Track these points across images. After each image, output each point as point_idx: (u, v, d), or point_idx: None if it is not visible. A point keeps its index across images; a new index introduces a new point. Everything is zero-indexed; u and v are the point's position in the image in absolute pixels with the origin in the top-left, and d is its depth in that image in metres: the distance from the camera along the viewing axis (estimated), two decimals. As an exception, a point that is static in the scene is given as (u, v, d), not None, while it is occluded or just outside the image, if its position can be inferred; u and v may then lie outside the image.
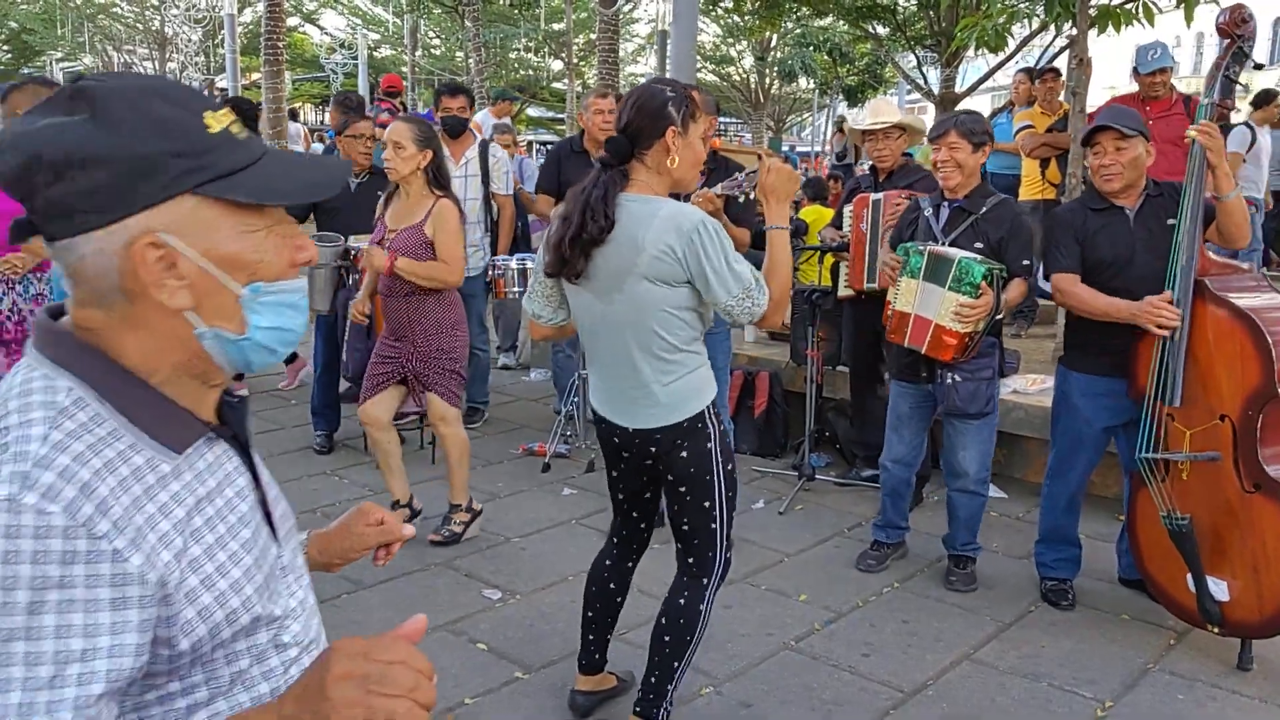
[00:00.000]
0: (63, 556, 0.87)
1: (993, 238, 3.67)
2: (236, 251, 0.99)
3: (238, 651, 1.04)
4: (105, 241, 0.95)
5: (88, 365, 0.97)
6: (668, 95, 2.47)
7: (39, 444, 0.91)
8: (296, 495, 4.74)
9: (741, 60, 28.46)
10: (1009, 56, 11.62)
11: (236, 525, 1.05)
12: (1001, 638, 3.51)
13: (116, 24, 31.35)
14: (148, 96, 0.95)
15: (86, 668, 0.88)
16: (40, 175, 0.93)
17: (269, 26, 13.83)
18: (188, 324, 0.99)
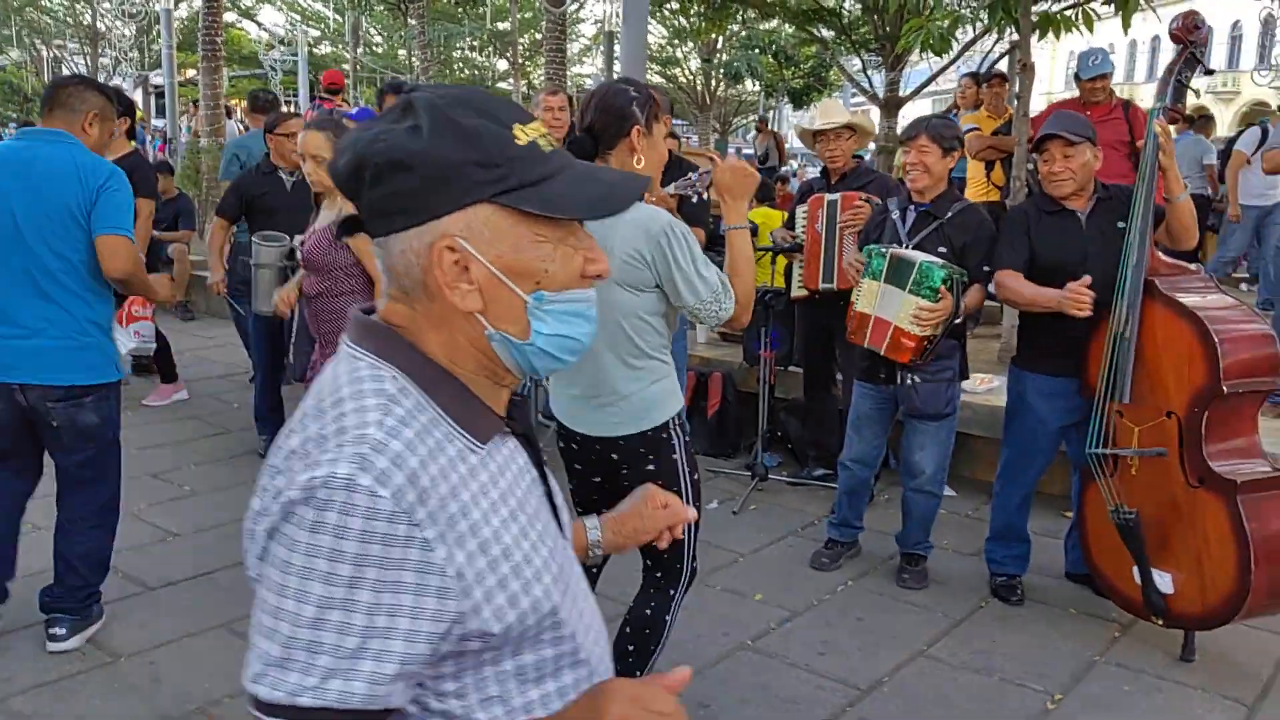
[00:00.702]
0: (384, 539, 0.93)
1: (956, 243, 3.71)
2: (525, 260, 1.03)
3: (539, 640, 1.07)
4: (412, 241, 1.01)
5: (406, 357, 1.03)
6: (632, 95, 2.45)
7: (375, 429, 0.96)
8: (243, 500, 4.61)
9: (687, 62, 28.54)
10: (951, 61, 11.82)
11: (533, 518, 1.09)
12: (954, 634, 3.55)
13: (46, 17, 30.53)
14: (461, 107, 1.01)
15: (385, 646, 0.93)
16: (365, 177, 1.00)
17: (207, 21, 13.53)
18: (479, 325, 1.04)
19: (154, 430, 5.66)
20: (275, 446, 1.04)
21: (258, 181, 5.32)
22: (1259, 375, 3.22)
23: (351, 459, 0.94)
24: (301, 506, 0.93)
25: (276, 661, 0.93)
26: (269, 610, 0.94)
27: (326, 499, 0.92)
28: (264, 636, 0.94)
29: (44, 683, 3.07)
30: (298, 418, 1.04)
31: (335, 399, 1.00)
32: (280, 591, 0.93)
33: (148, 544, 4.13)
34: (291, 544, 0.93)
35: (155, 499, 4.61)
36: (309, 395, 1.06)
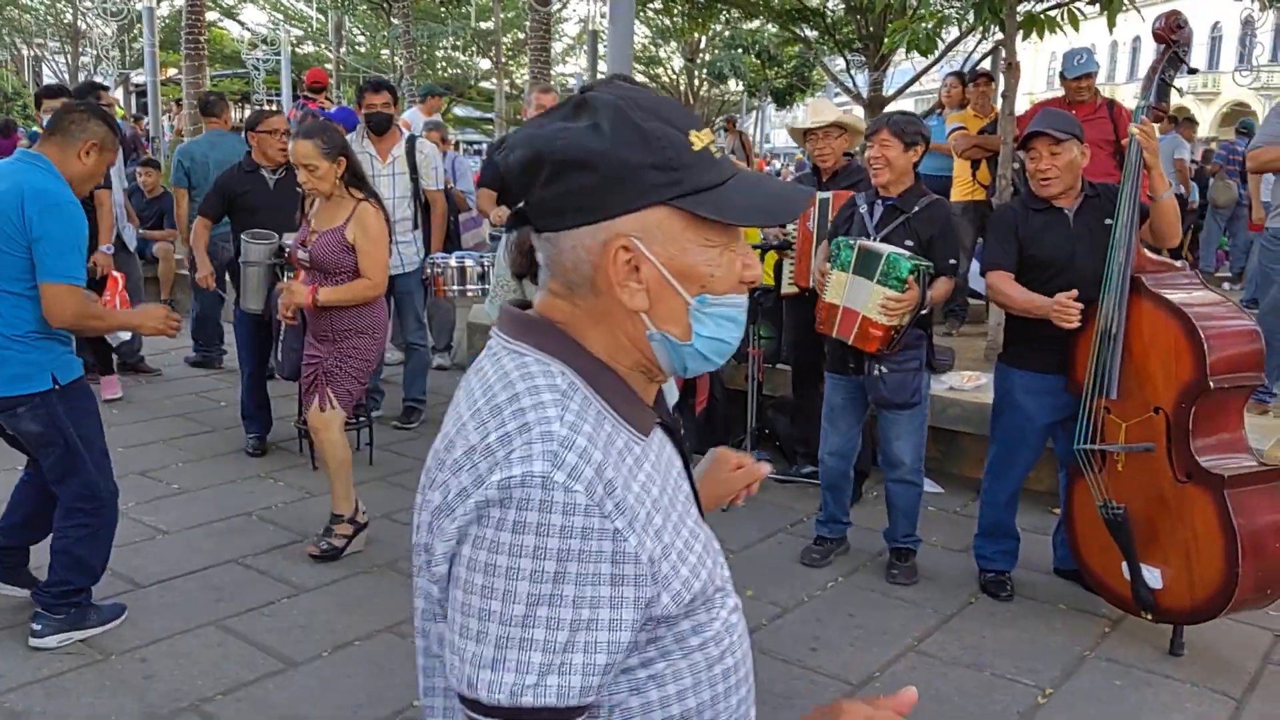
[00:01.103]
0: (582, 532, 0.94)
1: (923, 236, 3.75)
2: (693, 263, 1.04)
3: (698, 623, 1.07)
4: (584, 239, 1.02)
5: (571, 351, 1.05)
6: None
7: (558, 424, 0.97)
8: (231, 498, 4.62)
9: (670, 62, 28.58)
10: (935, 61, 11.88)
11: (686, 505, 1.10)
12: (944, 629, 3.57)
13: (26, 15, 30.26)
14: (641, 110, 1.01)
15: (592, 637, 0.95)
16: (540, 173, 1.01)
17: (190, 20, 13.46)
18: (642, 324, 1.05)
19: (141, 429, 5.62)
20: (445, 441, 1.04)
21: (240, 180, 5.29)
22: (1244, 370, 3.25)
23: (543, 456, 0.95)
24: (499, 507, 0.94)
25: (489, 663, 0.94)
26: (474, 613, 0.95)
27: (524, 498, 0.93)
28: (471, 639, 0.95)
29: (36, 680, 3.05)
30: (465, 413, 1.04)
31: (509, 395, 1.01)
32: (485, 594, 0.94)
33: (137, 541, 4.10)
34: (493, 545, 0.94)
35: (143, 497, 4.59)
36: (470, 390, 1.07)
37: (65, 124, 3.21)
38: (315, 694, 3.04)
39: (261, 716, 2.93)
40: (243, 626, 3.43)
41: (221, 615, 3.50)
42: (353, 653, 3.29)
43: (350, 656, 3.27)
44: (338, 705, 2.99)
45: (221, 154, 6.74)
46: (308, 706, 2.98)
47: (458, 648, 0.96)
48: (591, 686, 0.95)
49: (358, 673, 3.17)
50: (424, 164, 5.65)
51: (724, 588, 1.09)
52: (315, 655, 3.26)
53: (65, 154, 3.19)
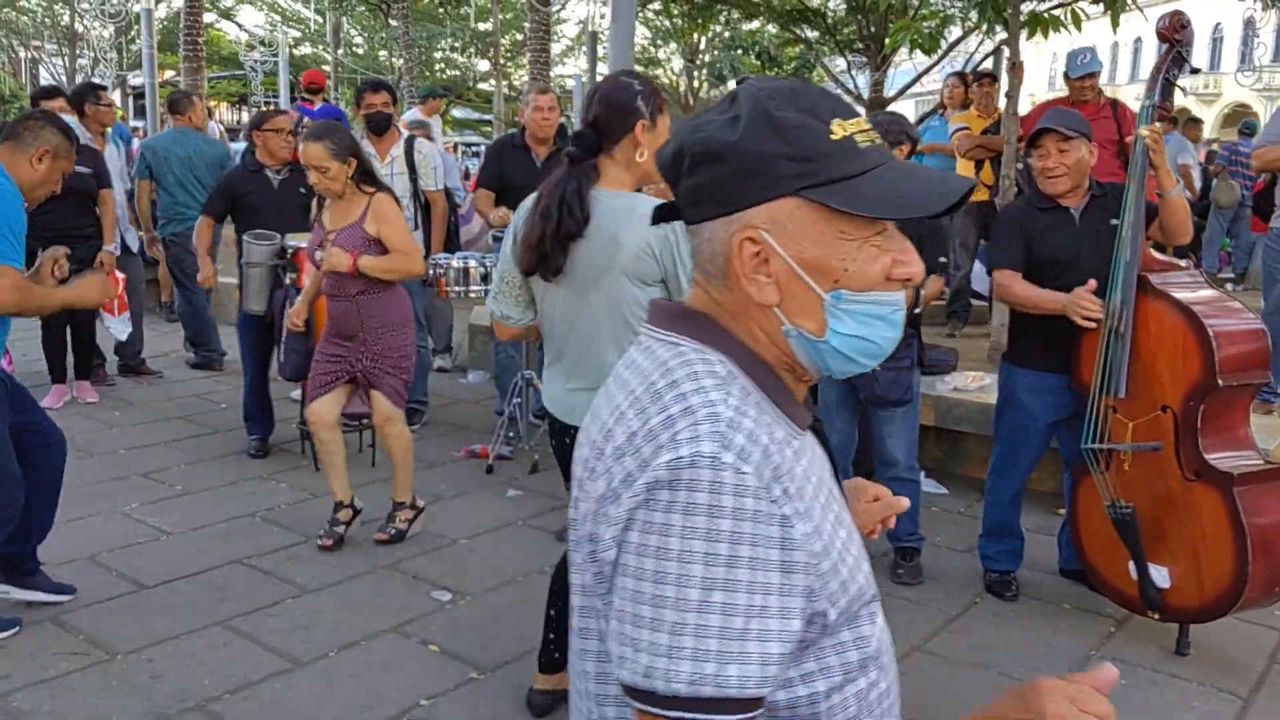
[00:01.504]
0: (754, 515, 0.91)
1: (913, 236, 3.74)
2: (825, 256, 1.00)
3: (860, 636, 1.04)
4: (719, 231, 1.02)
5: (725, 342, 1.03)
6: (636, 89, 2.47)
7: (723, 407, 0.96)
8: (234, 500, 4.61)
9: (670, 63, 28.60)
10: (937, 61, 11.88)
11: (841, 509, 1.07)
12: (950, 629, 3.57)
13: (23, 18, 30.25)
14: (781, 99, 1.00)
15: (764, 625, 0.91)
16: (684, 165, 1.03)
17: (188, 21, 13.46)
18: (776, 318, 1.03)
19: (142, 430, 5.61)
20: (603, 430, 1.02)
21: (244, 179, 5.28)
22: (1251, 369, 3.25)
23: (711, 437, 0.92)
24: (667, 489, 0.92)
25: (665, 651, 0.90)
26: (647, 599, 0.91)
27: (693, 478, 0.91)
28: (645, 627, 0.91)
29: (42, 680, 3.04)
30: (622, 402, 1.02)
31: (668, 381, 0.99)
32: (658, 579, 0.91)
33: (141, 543, 4.09)
34: (663, 528, 0.91)
35: (146, 498, 4.58)
36: (624, 381, 1.05)
37: (20, 130, 3.25)
38: (322, 694, 3.03)
39: (268, 716, 2.92)
40: (248, 627, 3.42)
41: (226, 615, 3.49)
42: (358, 653, 3.28)
43: (356, 656, 3.26)
44: (344, 705, 2.98)
45: (185, 150, 6.81)
46: (314, 706, 2.97)
47: (628, 637, 0.93)
48: (768, 677, 0.92)
49: (364, 673, 3.16)
50: (423, 164, 5.64)
51: (875, 603, 1.06)
52: (321, 655, 3.25)
53: (16, 159, 3.23)
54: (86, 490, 4.65)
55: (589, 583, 1.02)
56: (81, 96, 6.51)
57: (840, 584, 0.99)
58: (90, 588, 3.66)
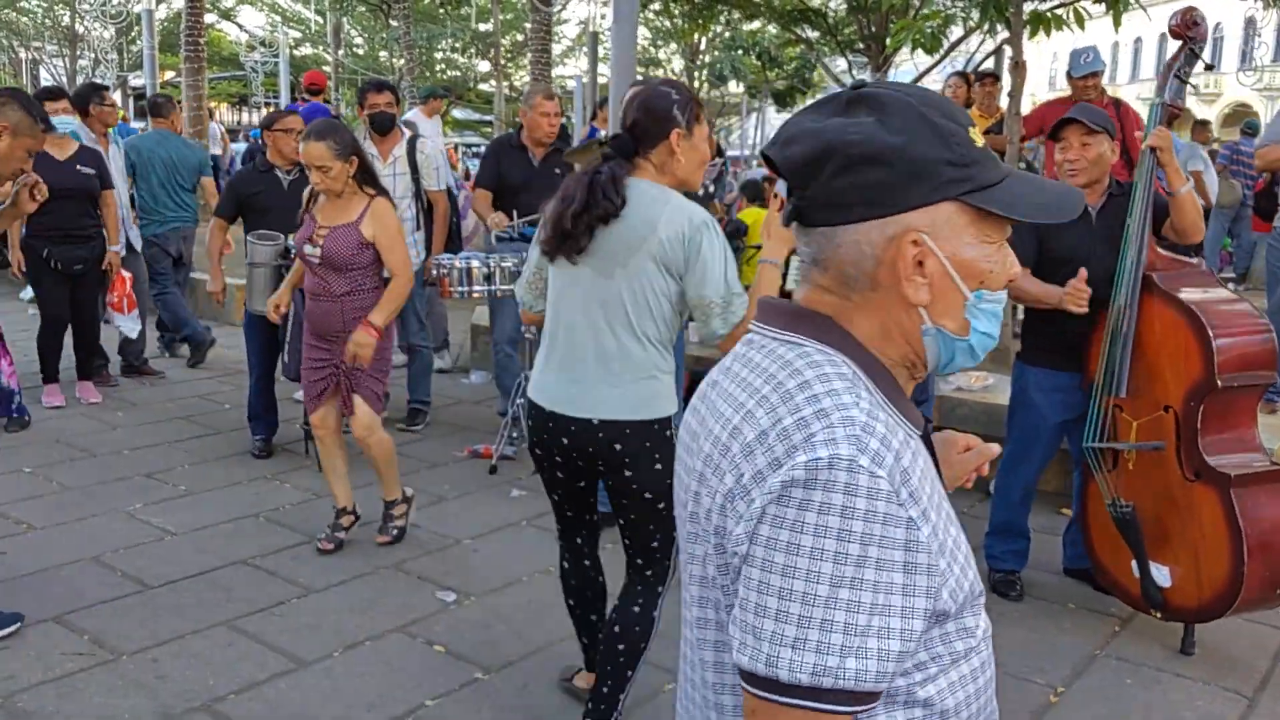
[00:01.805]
0: (884, 518, 0.95)
1: None
2: (974, 259, 1.05)
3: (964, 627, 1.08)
4: (871, 233, 1.03)
5: (847, 343, 1.06)
6: (674, 98, 2.51)
7: (856, 410, 0.98)
8: (238, 500, 4.61)
9: (670, 63, 28.60)
10: (938, 61, 11.88)
11: (950, 508, 1.09)
12: (955, 628, 3.57)
13: (24, 19, 30.26)
14: (926, 106, 1.03)
15: (887, 624, 0.95)
16: (828, 166, 1.02)
17: (189, 22, 13.47)
18: (917, 319, 1.06)
19: (145, 431, 5.62)
20: (727, 428, 1.04)
21: (253, 179, 5.29)
22: (1255, 369, 3.24)
23: (847, 440, 0.96)
24: (802, 488, 0.95)
25: (791, 642, 0.94)
26: (774, 591, 0.96)
27: (829, 479, 0.94)
28: (770, 618, 0.95)
29: (47, 680, 3.05)
30: (747, 400, 1.05)
31: (799, 382, 1.02)
32: (787, 573, 0.95)
33: (145, 543, 4.10)
34: (796, 525, 0.95)
35: (150, 499, 4.58)
36: (743, 380, 1.07)
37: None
38: (327, 693, 3.04)
39: (274, 716, 2.93)
40: (253, 627, 3.43)
41: (231, 615, 3.50)
42: (363, 652, 3.29)
43: (361, 656, 3.26)
44: (349, 704, 2.99)
45: (168, 152, 6.87)
46: (319, 706, 2.98)
47: (752, 626, 0.97)
48: (886, 673, 0.96)
49: (369, 672, 3.17)
50: (425, 164, 5.65)
51: (982, 598, 1.09)
52: (326, 655, 3.26)
53: None
54: (90, 491, 4.66)
55: (711, 574, 1.06)
56: (85, 97, 6.52)
57: (956, 582, 1.02)
58: (95, 588, 3.66)
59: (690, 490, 1.09)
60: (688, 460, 1.13)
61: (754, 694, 0.97)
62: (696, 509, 1.07)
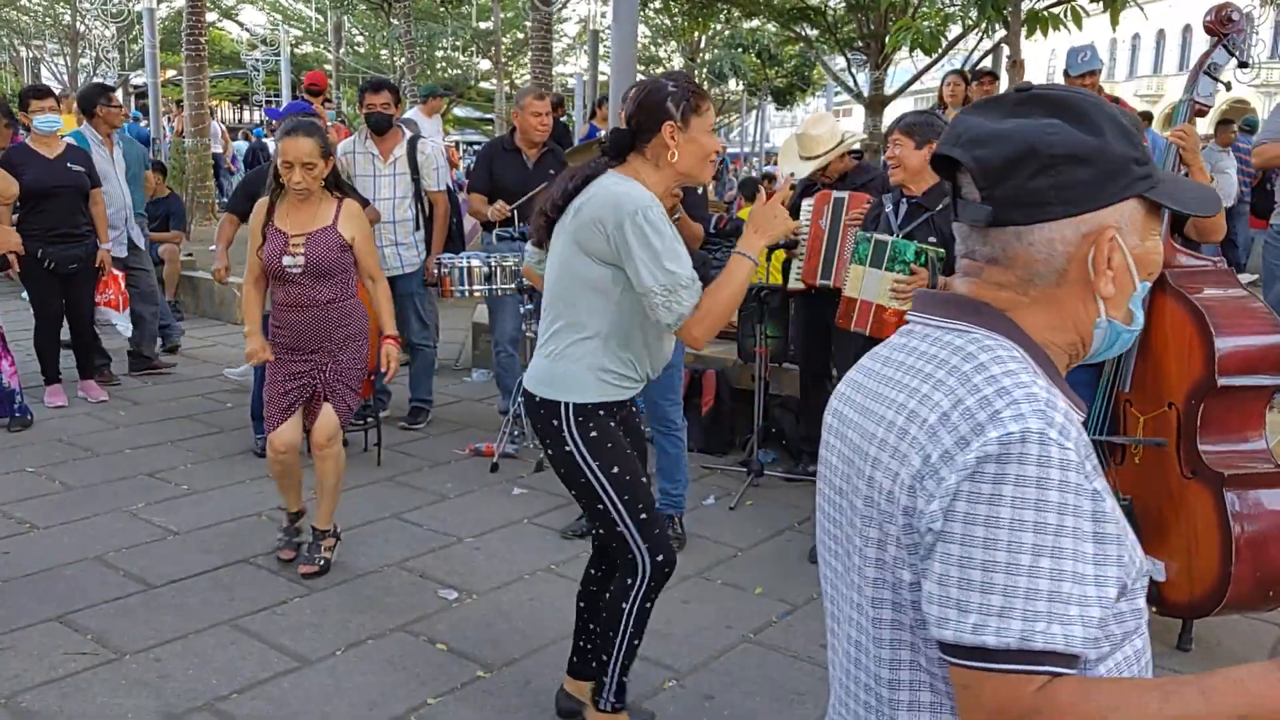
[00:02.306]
0: (1075, 489, 0.99)
1: (946, 232, 3.78)
2: (1146, 251, 1.12)
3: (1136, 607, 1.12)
4: (1062, 230, 1.08)
5: (1014, 332, 1.10)
6: (668, 91, 2.49)
7: (1037, 389, 1.03)
8: (241, 499, 4.63)
9: (670, 61, 28.57)
10: (936, 59, 11.89)
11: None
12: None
13: (24, 17, 30.23)
14: (1107, 106, 1.09)
15: (1084, 590, 0.99)
16: (1027, 167, 1.06)
17: (190, 21, 13.45)
18: (1094, 311, 1.11)
19: (148, 430, 5.64)
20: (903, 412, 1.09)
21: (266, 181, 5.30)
22: (1261, 372, 3.23)
23: (1035, 414, 1.00)
24: (996, 463, 0.99)
25: (998, 611, 0.98)
26: (977, 565, 0.99)
27: (1023, 453, 0.98)
28: (975, 590, 0.99)
29: (51, 680, 3.07)
30: (920, 385, 1.09)
31: (974, 365, 1.06)
32: (988, 546, 0.98)
33: (147, 542, 4.11)
34: (993, 499, 0.99)
35: (153, 498, 4.60)
36: (911, 367, 1.12)
37: None
38: (330, 692, 3.06)
39: (277, 715, 2.94)
40: (256, 625, 3.45)
41: (234, 614, 3.52)
42: (366, 650, 3.31)
43: (364, 654, 3.28)
44: (353, 703, 3.00)
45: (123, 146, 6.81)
46: (323, 704, 2.99)
47: (955, 600, 1.00)
48: (1089, 637, 0.99)
49: (372, 670, 3.18)
50: (425, 164, 5.65)
51: (1144, 576, 1.12)
52: (329, 653, 3.27)
53: None
54: (93, 490, 4.68)
55: (892, 556, 1.09)
56: (91, 99, 6.51)
57: (1129, 556, 1.06)
58: (98, 587, 3.68)
59: (862, 475, 1.13)
60: (843, 448, 1.17)
61: (962, 665, 1.00)
62: (871, 493, 1.11)
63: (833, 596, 1.24)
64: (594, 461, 2.57)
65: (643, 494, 2.64)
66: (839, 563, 1.20)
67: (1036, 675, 0.98)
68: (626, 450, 2.62)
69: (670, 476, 4.24)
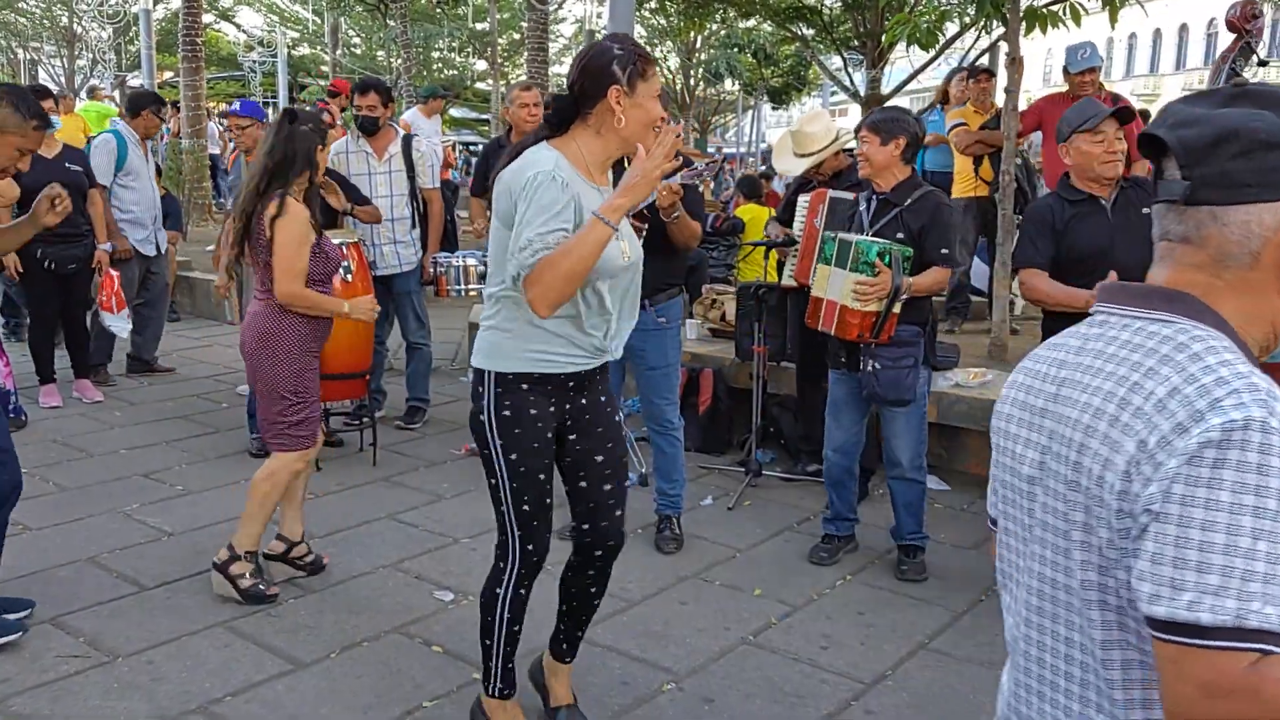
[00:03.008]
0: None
1: (914, 228, 3.78)
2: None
3: None
4: (1259, 214, 1.12)
5: (1214, 319, 1.13)
6: (615, 54, 2.41)
7: (1256, 378, 1.06)
8: (235, 499, 4.58)
9: (666, 62, 28.56)
10: (934, 57, 11.87)
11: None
12: (956, 626, 3.56)
13: (22, 19, 30.20)
14: None
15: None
16: (1229, 148, 1.11)
17: (187, 22, 13.41)
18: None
19: (143, 430, 5.60)
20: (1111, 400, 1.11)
21: None
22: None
23: (1256, 403, 1.03)
24: (1217, 448, 1.02)
25: (1213, 590, 1.01)
26: (1193, 546, 1.02)
27: (1245, 440, 1.02)
28: (1191, 570, 1.01)
29: (43, 683, 3.03)
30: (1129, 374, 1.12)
31: (1188, 354, 1.09)
32: (1206, 528, 1.01)
33: (141, 543, 4.08)
34: (1213, 483, 1.02)
35: (147, 499, 4.56)
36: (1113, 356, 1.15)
37: None
38: (325, 695, 3.02)
39: (271, 717, 2.91)
40: (250, 628, 3.41)
41: (228, 617, 3.48)
42: (361, 653, 3.27)
43: (359, 657, 3.25)
44: (348, 706, 2.97)
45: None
46: (317, 707, 2.96)
47: (1169, 578, 1.03)
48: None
49: (367, 673, 3.15)
50: (420, 161, 5.63)
51: None
52: (324, 656, 3.24)
53: None
54: (87, 491, 4.65)
55: (1103, 539, 1.11)
56: (143, 102, 6.50)
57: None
58: (91, 589, 3.65)
59: (1065, 460, 1.16)
60: (1035, 436, 1.22)
61: (1173, 641, 1.03)
62: (1077, 477, 1.14)
63: (1018, 582, 1.27)
64: (499, 440, 2.52)
65: (534, 487, 2.57)
66: (1026, 547, 1.24)
67: (1249, 653, 1.00)
68: (537, 440, 2.54)
69: (667, 477, 4.21)
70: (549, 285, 2.31)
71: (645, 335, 4.02)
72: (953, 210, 3.86)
